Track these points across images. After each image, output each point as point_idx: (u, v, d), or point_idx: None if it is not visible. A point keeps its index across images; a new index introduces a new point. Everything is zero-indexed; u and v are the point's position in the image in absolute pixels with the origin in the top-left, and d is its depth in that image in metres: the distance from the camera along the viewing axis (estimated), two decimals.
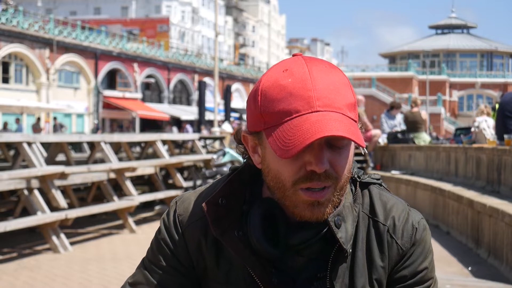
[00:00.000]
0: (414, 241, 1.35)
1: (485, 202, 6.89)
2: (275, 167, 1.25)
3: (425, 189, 10.17)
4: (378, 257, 1.33)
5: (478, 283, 5.37)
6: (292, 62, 1.27)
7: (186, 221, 1.37)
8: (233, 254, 1.31)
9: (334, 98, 1.22)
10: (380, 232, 1.34)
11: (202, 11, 76.98)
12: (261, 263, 1.29)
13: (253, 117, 1.27)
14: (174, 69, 48.61)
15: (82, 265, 7.42)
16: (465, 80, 68.95)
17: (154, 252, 1.39)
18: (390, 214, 1.35)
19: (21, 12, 35.16)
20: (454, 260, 7.21)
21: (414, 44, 75.96)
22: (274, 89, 1.23)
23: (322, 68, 1.25)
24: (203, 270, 1.36)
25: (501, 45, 76.01)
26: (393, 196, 1.40)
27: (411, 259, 1.34)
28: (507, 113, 8.29)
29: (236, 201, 1.33)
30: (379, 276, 1.33)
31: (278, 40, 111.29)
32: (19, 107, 29.01)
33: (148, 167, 11.18)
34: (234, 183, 1.35)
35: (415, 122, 13.35)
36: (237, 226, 1.31)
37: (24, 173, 7.94)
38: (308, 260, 1.32)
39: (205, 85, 28.81)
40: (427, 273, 1.36)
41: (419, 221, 1.37)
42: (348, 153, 1.26)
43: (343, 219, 1.30)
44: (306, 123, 1.19)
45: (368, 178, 1.39)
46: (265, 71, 35.09)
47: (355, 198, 1.35)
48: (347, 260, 1.31)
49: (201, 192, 1.40)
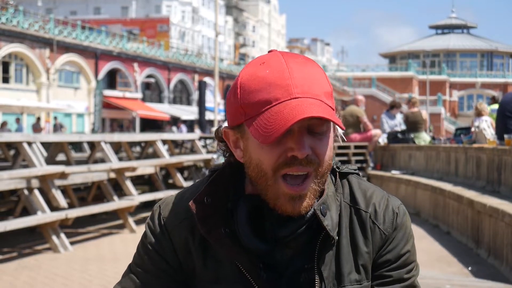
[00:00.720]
0: (396, 225, 1.39)
1: (485, 202, 6.89)
2: (257, 156, 1.28)
3: (425, 189, 10.17)
4: (362, 243, 1.36)
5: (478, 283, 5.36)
6: (268, 56, 1.31)
7: (172, 223, 1.38)
8: (221, 251, 1.32)
9: (311, 85, 1.26)
10: (363, 219, 1.38)
11: (202, 11, 76.98)
12: (249, 258, 1.31)
13: (233, 111, 1.30)
14: (174, 69, 48.60)
15: (82, 265, 7.43)
16: (465, 80, 68.96)
17: (141, 256, 1.39)
18: (370, 201, 1.39)
19: (21, 12, 35.16)
20: (454, 260, 7.21)
21: (414, 44, 75.97)
22: (253, 81, 1.27)
23: (298, 60, 1.29)
24: (192, 270, 1.37)
25: (501, 45, 76.01)
26: (371, 185, 1.44)
27: (394, 243, 1.38)
28: (507, 113, 8.29)
29: (220, 200, 1.34)
30: (365, 261, 1.36)
31: (278, 40, 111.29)
32: (19, 107, 29.02)
33: (148, 167, 11.18)
34: (217, 182, 1.36)
35: (416, 122, 13.36)
36: (224, 224, 1.32)
37: (25, 173, 7.94)
38: (294, 253, 1.33)
39: (205, 85, 28.84)
40: (409, 256, 1.39)
41: (399, 206, 1.41)
42: (328, 140, 1.29)
43: (328, 208, 1.33)
44: (286, 109, 1.22)
45: (346, 168, 1.43)
46: None
47: (336, 187, 1.39)
48: (333, 248, 1.34)
49: (183, 193, 1.42)
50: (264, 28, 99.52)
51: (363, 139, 13.68)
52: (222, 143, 1.38)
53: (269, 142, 1.22)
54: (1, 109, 30.85)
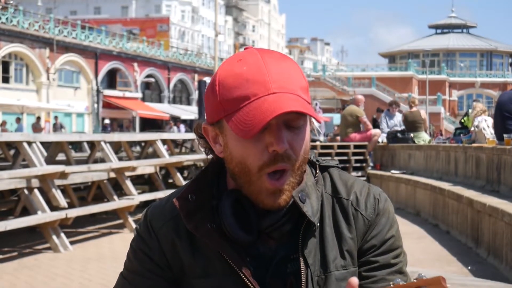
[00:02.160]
0: (378, 211, 1.40)
1: (485, 202, 6.90)
2: (239, 153, 1.30)
3: (425, 188, 10.18)
4: (346, 229, 1.38)
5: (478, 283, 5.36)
6: (245, 53, 1.33)
7: (158, 224, 1.40)
8: (209, 245, 1.34)
9: (288, 81, 1.29)
10: (344, 206, 1.40)
11: (202, 10, 76.97)
12: (236, 251, 1.33)
13: (212, 108, 1.32)
14: (174, 69, 48.60)
15: (82, 265, 7.43)
16: (464, 80, 68.95)
17: (131, 260, 1.42)
18: (351, 190, 1.42)
19: (21, 12, 35.16)
20: (454, 259, 7.22)
21: (413, 44, 75.94)
22: (231, 78, 1.29)
23: (274, 56, 1.32)
24: (180, 269, 1.39)
25: (501, 44, 75.99)
26: (352, 176, 1.47)
27: (377, 228, 1.39)
28: (505, 113, 8.28)
29: (204, 197, 1.37)
30: (349, 247, 1.37)
31: (278, 40, 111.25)
32: (19, 107, 29.02)
33: (148, 167, 11.18)
34: (200, 180, 1.40)
35: (415, 122, 13.38)
36: (209, 219, 1.35)
37: (24, 173, 7.94)
38: (279, 245, 1.36)
39: (205, 84, 28.80)
40: (394, 241, 1.40)
41: (380, 193, 1.43)
42: (305, 134, 1.32)
43: (307, 195, 1.35)
44: (264, 104, 1.25)
45: (326, 162, 1.46)
46: None
47: (316, 180, 1.41)
48: (316, 235, 1.36)
49: (169, 196, 1.44)
50: (264, 27, 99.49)
51: (362, 139, 13.69)
52: (202, 139, 1.40)
53: (250, 137, 1.25)
54: (1, 108, 30.87)
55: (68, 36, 37.88)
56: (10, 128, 29.20)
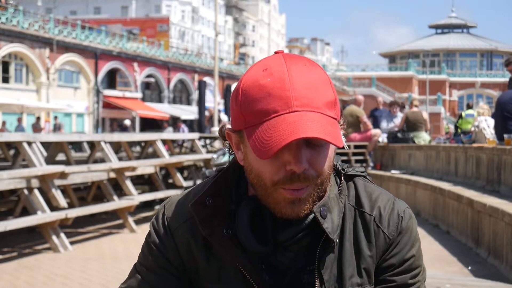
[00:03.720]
0: (401, 229, 1.37)
1: (485, 202, 6.89)
2: (257, 166, 1.27)
3: (425, 188, 10.18)
4: (366, 246, 1.35)
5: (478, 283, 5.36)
6: (272, 61, 1.28)
7: (174, 223, 1.38)
8: (222, 252, 1.32)
9: (313, 97, 1.23)
10: (367, 222, 1.36)
11: (202, 10, 76.96)
12: (251, 260, 1.31)
13: (235, 116, 1.29)
14: (174, 69, 48.59)
15: (82, 265, 7.43)
16: (465, 80, 68.96)
17: (145, 255, 1.40)
18: (375, 204, 1.37)
19: (21, 12, 35.15)
20: (454, 259, 7.21)
21: (414, 44, 75.96)
22: (254, 89, 1.25)
23: (301, 66, 1.26)
24: (195, 271, 1.37)
25: (501, 44, 76.03)
26: (378, 187, 1.42)
27: (398, 247, 1.36)
28: (506, 113, 8.27)
29: (223, 201, 1.34)
30: (367, 265, 1.35)
31: (278, 40, 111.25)
32: (19, 107, 29.01)
33: (148, 167, 11.18)
34: (220, 183, 1.36)
35: (416, 122, 13.37)
36: (226, 225, 1.32)
37: (24, 173, 7.94)
38: (297, 255, 1.33)
39: (205, 84, 28.82)
40: (414, 261, 1.38)
41: (405, 210, 1.39)
42: (327, 152, 1.27)
43: (328, 210, 1.31)
44: (283, 124, 1.20)
45: (352, 170, 1.41)
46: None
47: (340, 190, 1.37)
48: (334, 251, 1.33)
49: (188, 194, 1.42)
50: (264, 27, 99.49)
51: (362, 139, 13.69)
52: (227, 142, 1.37)
53: (266, 158, 1.21)
54: (1, 108, 30.84)
55: (68, 36, 37.87)
56: (10, 128, 29.19)
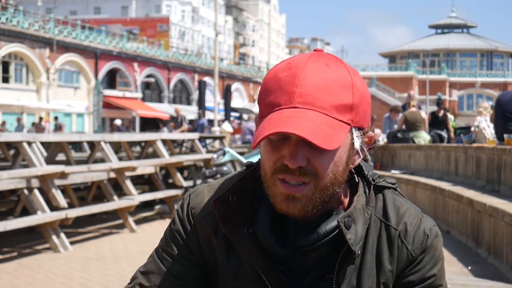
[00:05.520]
0: (425, 247, 1.34)
1: (485, 202, 6.89)
2: (263, 157, 1.29)
3: (425, 188, 10.18)
4: (387, 260, 1.33)
5: (478, 283, 5.37)
6: (298, 57, 1.29)
7: (198, 215, 1.39)
8: (241, 250, 1.32)
9: (320, 97, 1.22)
10: (391, 236, 1.34)
11: (202, 10, 76.97)
12: (269, 261, 1.30)
13: (258, 104, 1.32)
14: (174, 69, 48.61)
15: (82, 265, 7.43)
16: (465, 80, 68.97)
17: (168, 241, 1.41)
18: (402, 219, 1.35)
19: (21, 12, 35.16)
20: (454, 259, 7.21)
21: (414, 44, 75.96)
22: (272, 81, 1.27)
23: (321, 65, 1.25)
24: (214, 264, 1.38)
25: (501, 44, 76.02)
26: (407, 201, 1.40)
27: (420, 265, 1.34)
28: (506, 114, 8.27)
29: (247, 199, 1.34)
30: (387, 279, 1.33)
31: (278, 40, 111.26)
32: (19, 107, 29.03)
33: (148, 167, 11.18)
34: (246, 180, 1.36)
35: (415, 121, 13.37)
36: (247, 224, 1.32)
37: (24, 173, 7.94)
38: (318, 260, 1.32)
39: (205, 84, 28.84)
40: (435, 280, 1.36)
41: (431, 228, 1.37)
42: (333, 154, 1.25)
43: (353, 221, 1.29)
44: (278, 117, 1.21)
45: (383, 182, 1.39)
46: (265, 70, 35.37)
47: (368, 201, 1.35)
48: (355, 262, 1.31)
49: (214, 186, 1.42)
50: (264, 27, 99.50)
51: None
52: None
53: (253, 148, 1.23)
54: (1, 108, 30.86)
55: (68, 36, 37.88)
56: (10, 128, 29.20)
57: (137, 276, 1.41)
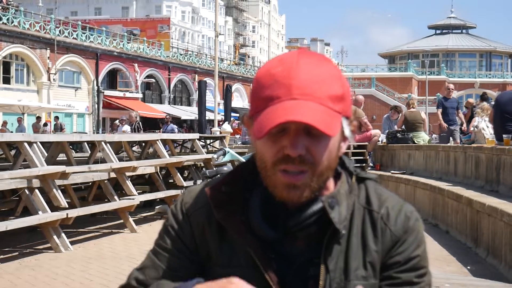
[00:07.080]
0: (407, 228, 1.40)
1: (484, 202, 6.91)
2: (260, 149, 1.34)
3: (425, 188, 10.20)
4: (372, 241, 1.39)
5: (477, 282, 5.39)
6: (289, 53, 1.35)
7: (191, 208, 1.45)
8: (235, 236, 1.38)
9: (316, 88, 1.29)
10: (374, 219, 1.40)
11: (202, 11, 76.97)
12: (261, 247, 1.36)
13: (251, 102, 1.37)
14: (175, 69, 48.62)
15: (83, 264, 7.45)
16: (464, 80, 68.96)
17: (162, 237, 1.47)
18: (384, 204, 1.42)
19: (22, 12, 35.18)
20: (453, 259, 7.24)
21: (413, 44, 75.98)
22: (265, 77, 1.32)
23: (312, 60, 1.32)
24: (207, 255, 1.43)
25: (500, 45, 76.03)
26: (388, 191, 1.46)
27: (404, 246, 1.40)
28: (505, 114, 8.29)
29: (239, 189, 1.40)
30: (373, 259, 1.39)
31: (278, 40, 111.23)
32: (20, 107, 29.04)
33: (148, 167, 11.20)
34: (238, 172, 1.43)
35: (415, 121, 13.40)
36: (240, 212, 1.38)
37: (25, 173, 7.96)
38: (306, 247, 1.38)
39: (206, 85, 28.83)
40: (419, 261, 1.41)
41: (412, 211, 1.43)
42: (328, 142, 1.31)
43: (337, 202, 1.36)
44: (280, 109, 1.27)
45: (365, 174, 1.46)
46: None
47: (350, 189, 1.42)
48: (341, 244, 1.37)
49: (208, 183, 1.48)
50: (264, 28, 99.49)
51: (362, 139, 13.71)
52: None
53: (259, 138, 1.29)
54: (2, 109, 30.88)
55: (68, 36, 37.90)
56: (11, 128, 29.21)
57: (133, 273, 1.47)
